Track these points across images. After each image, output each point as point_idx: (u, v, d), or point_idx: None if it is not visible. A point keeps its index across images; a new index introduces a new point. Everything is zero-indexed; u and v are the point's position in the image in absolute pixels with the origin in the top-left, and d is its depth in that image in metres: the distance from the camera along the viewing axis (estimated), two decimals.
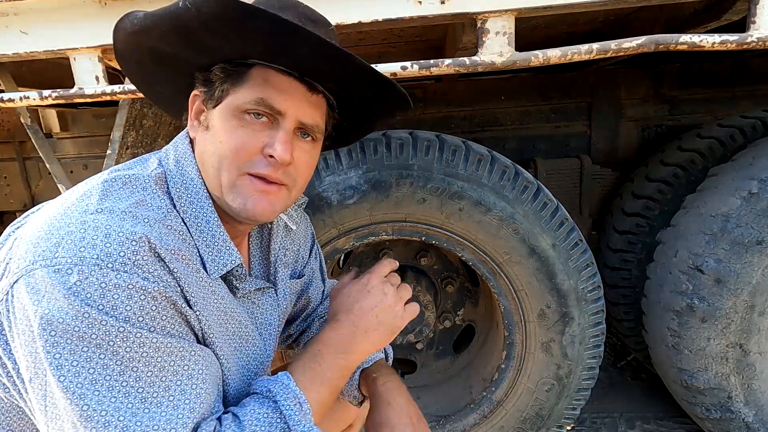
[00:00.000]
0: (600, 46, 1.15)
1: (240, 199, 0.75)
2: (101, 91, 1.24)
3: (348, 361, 0.84)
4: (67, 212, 0.66)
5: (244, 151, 0.74)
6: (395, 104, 0.87)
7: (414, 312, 0.93)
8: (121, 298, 0.61)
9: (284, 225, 1.01)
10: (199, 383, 0.67)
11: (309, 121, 0.78)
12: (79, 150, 2.43)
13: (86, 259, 0.60)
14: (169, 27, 0.70)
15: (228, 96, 0.76)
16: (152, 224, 0.68)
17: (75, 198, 0.70)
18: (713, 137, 2.00)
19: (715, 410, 1.72)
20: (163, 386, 0.63)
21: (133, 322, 0.61)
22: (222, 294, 0.78)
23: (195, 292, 0.71)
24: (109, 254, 0.61)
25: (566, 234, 1.57)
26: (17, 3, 1.18)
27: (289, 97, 0.75)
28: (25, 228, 0.70)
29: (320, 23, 0.80)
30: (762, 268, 1.54)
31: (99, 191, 0.70)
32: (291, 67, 0.75)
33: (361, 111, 0.91)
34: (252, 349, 0.86)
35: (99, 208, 0.66)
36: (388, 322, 0.88)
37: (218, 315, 0.77)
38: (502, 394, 1.74)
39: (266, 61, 0.75)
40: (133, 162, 0.81)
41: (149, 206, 0.71)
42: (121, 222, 0.65)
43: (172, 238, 0.69)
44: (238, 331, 0.83)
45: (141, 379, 0.62)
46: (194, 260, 0.73)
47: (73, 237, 0.62)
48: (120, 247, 0.62)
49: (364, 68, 0.74)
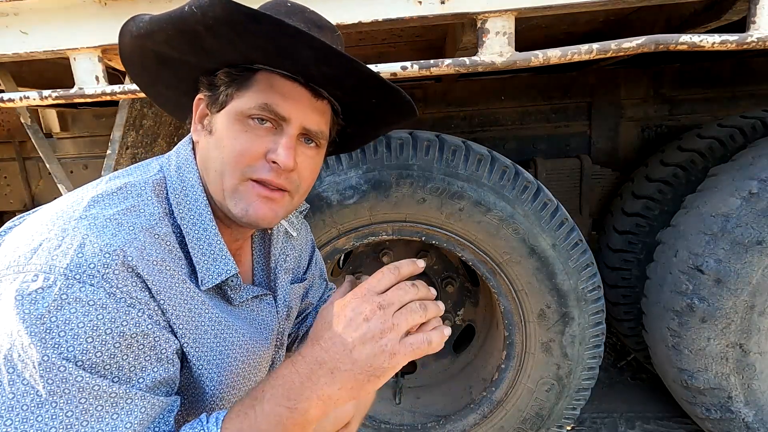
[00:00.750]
0: (600, 46, 1.15)
1: (242, 204, 0.75)
2: (101, 91, 1.24)
3: (295, 414, 0.63)
4: (53, 217, 0.66)
5: (247, 156, 0.73)
6: (401, 112, 0.86)
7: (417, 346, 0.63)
8: (76, 315, 0.58)
9: (285, 231, 1.01)
10: None
11: (313, 128, 0.78)
12: (79, 150, 2.43)
13: (55, 267, 0.59)
14: (174, 31, 0.70)
15: (232, 101, 0.75)
16: (136, 233, 0.66)
17: (66, 203, 0.69)
18: (713, 137, 2.00)
19: (715, 410, 1.72)
20: (81, 431, 0.57)
21: (68, 354, 0.57)
22: (213, 304, 0.77)
23: (176, 304, 0.69)
24: (78, 265, 0.60)
25: (566, 234, 1.57)
26: (17, 3, 1.18)
27: (294, 102, 0.75)
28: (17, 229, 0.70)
29: (326, 29, 0.80)
30: (762, 268, 1.54)
31: (90, 197, 0.69)
32: (295, 72, 0.75)
33: (366, 117, 0.90)
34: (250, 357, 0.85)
35: (83, 215, 0.65)
36: (367, 360, 0.62)
37: (210, 325, 0.75)
38: (502, 394, 1.74)
39: (271, 66, 0.75)
40: (134, 167, 0.81)
41: (140, 213, 0.70)
42: (100, 231, 0.63)
43: (155, 249, 0.68)
44: (235, 340, 0.81)
45: (57, 417, 0.56)
46: (180, 271, 0.71)
47: (50, 244, 0.61)
48: (91, 259, 0.60)
49: (369, 75, 0.74)
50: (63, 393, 0.57)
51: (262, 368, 0.91)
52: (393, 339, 0.62)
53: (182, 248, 0.75)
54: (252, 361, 0.86)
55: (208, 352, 0.75)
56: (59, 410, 0.57)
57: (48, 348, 0.56)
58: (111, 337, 0.60)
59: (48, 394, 0.56)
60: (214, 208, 0.79)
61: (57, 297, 0.58)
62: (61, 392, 0.57)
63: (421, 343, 0.63)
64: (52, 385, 0.56)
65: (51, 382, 0.56)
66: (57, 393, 0.57)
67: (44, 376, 0.56)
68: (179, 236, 0.75)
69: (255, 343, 0.87)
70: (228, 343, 0.80)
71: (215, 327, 0.77)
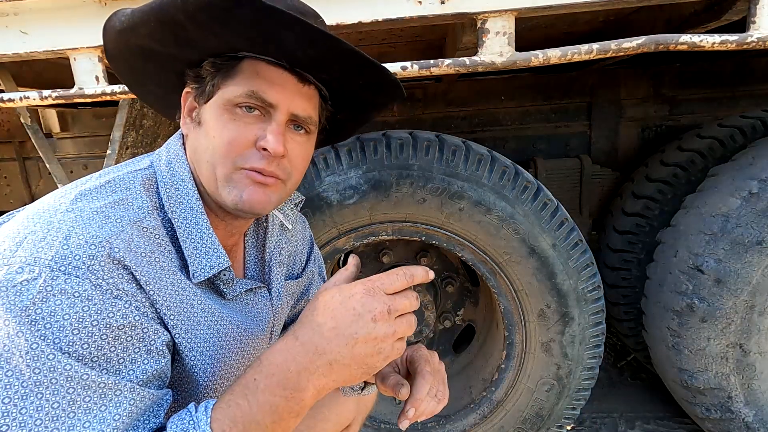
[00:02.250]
0: (600, 46, 1.15)
1: (235, 191, 0.75)
2: (101, 91, 1.24)
3: (291, 402, 0.62)
4: (39, 211, 0.66)
5: (237, 144, 0.73)
6: (388, 93, 0.86)
7: (400, 352, 0.67)
8: (61, 307, 0.57)
9: (280, 223, 1.00)
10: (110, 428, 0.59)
11: (301, 113, 0.78)
12: (79, 150, 2.43)
13: (40, 259, 0.59)
14: (156, 22, 0.69)
15: (219, 90, 0.75)
16: (123, 225, 0.66)
17: (53, 197, 0.69)
18: (713, 137, 2.00)
19: (715, 410, 1.72)
20: (67, 423, 0.56)
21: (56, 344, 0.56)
22: (206, 297, 0.77)
23: (167, 296, 0.69)
24: (64, 256, 0.59)
25: (566, 234, 1.57)
26: (17, 3, 1.18)
27: (281, 88, 0.75)
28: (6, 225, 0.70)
29: (309, 15, 0.79)
30: (762, 268, 1.54)
31: (78, 192, 0.69)
32: (280, 58, 0.75)
33: (355, 101, 0.90)
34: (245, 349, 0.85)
35: (69, 208, 0.65)
36: (365, 359, 0.64)
37: (203, 316, 0.75)
38: (502, 394, 1.74)
39: (255, 53, 0.75)
40: (124, 164, 0.80)
41: (127, 206, 0.69)
42: (86, 223, 0.63)
43: (143, 241, 0.67)
44: (230, 332, 0.81)
45: (43, 408, 0.55)
46: (170, 264, 0.71)
47: (35, 237, 0.61)
48: (77, 250, 0.60)
49: (353, 52, 0.73)
50: (50, 383, 0.56)
51: None
52: (391, 343, 0.65)
53: (173, 242, 0.74)
54: (246, 353, 0.85)
55: (201, 343, 0.75)
56: (45, 401, 0.56)
57: (36, 338, 0.56)
58: (97, 329, 0.59)
59: (34, 384, 0.55)
60: (207, 201, 0.79)
61: (42, 289, 0.57)
62: (48, 382, 0.56)
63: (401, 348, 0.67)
64: (39, 375, 0.56)
65: (38, 372, 0.56)
66: (44, 383, 0.56)
67: (31, 365, 0.55)
68: (170, 230, 0.75)
69: (249, 335, 0.86)
70: (222, 334, 0.79)
71: (208, 318, 0.76)
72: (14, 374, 0.55)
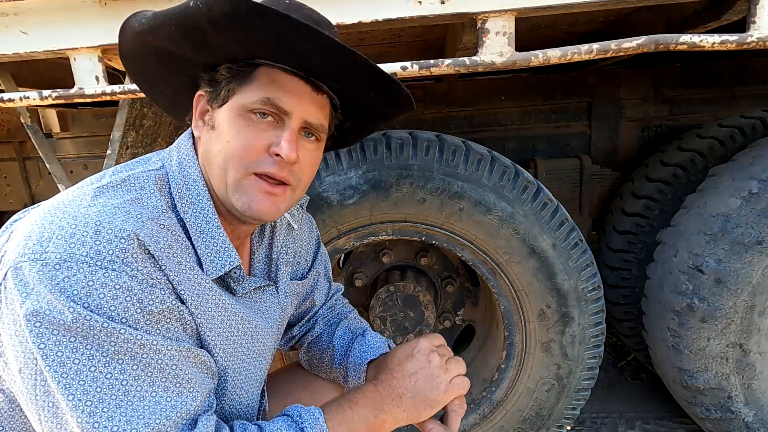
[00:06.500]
0: (600, 46, 1.15)
1: (245, 198, 0.76)
2: (101, 91, 1.24)
3: (378, 419, 0.83)
4: (61, 207, 0.67)
5: (250, 149, 0.75)
6: (399, 105, 0.88)
7: (462, 388, 0.91)
8: (107, 297, 0.61)
9: (287, 223, 1.02)
10: (184, 381, 0.67)
11: (314, 121, 0.79)
12: (79, 150, 2.43)
13: (75, 255, 0.61)
14: (177, 26, 0.70)
15: (234, 96, 0.76)
16: (144, 221, 0.68)
17: (72, 193, 0.71)
18: (713, 137, 2.00)
19: (715, 410, 1.72)
20: (148, 381, 0.63)
21: (119, 320, 0.62)
22: (220, 292, 0.79)
23: (188, 289, 0.72)
24: (98, 252, 0.62)
25: (566, 234, 1.57)
26: (17, 3, 1.18)
27: (296, 97, 0.76)
28: (23, 221, 0.71)
29: (324, 25, 0.81)
30: (762, 268, 1.54)
31: (95, 188, 0.71)
32: (297, 67, 0.76)
33: (365, 111, 0.91)
34: (255, 345, 0.87)
35: (92, 203, 0.67)
36: (426, 392, 0.86)
37: (217, 311, 0.77)
38: (502, 394, 1.74)
39: (273, 61, 0.76)
40: (134, 162, 0.81)
41: (144, 204, 0.71)
42: (111, 218, 0.65)
43: (163, 236, 0.70)
44: (242, 327, 0.83)
45: (126, 372, 0.62)
46: (188, 259, 0.73)
47: (63, 232, 0.63)
48: (109, 245, 0.63)
49: (370, 67, 0.75)
50: (127, 351, 0.62)
51: (267, 357, 0.92)
52: (445, 379, 0.88)
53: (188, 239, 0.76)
54: (257, 349, 0.88)
55: (215, 337, 0.77)
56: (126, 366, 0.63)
57: (105, 318, 0.61)
58: (141, 316, 0.64)
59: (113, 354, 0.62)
60: (216, 203, 0.80)
61: (84, 284, 0.61)
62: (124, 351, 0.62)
63: (465, 384, 0.91)
64: (115, 346, 0.62)
65: (113, 344, 0.61)
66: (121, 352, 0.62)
67: (107, 339, 0.61)
68: (183, 229, 0.76)
69: (260, 331, 0.88)
70: (234, 329, 0.81)
71: (222, 313, 0.78)
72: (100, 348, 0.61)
